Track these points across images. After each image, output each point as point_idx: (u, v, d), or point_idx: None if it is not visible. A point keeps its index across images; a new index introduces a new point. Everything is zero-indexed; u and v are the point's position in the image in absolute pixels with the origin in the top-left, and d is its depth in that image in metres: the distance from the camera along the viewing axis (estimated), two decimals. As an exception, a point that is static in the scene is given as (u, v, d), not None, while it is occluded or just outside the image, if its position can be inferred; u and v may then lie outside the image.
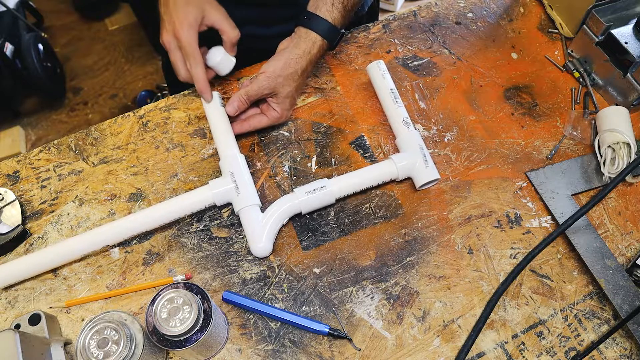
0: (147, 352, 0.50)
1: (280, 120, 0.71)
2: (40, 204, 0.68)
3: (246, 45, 0.80)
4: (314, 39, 0.68)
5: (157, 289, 0.61)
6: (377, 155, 0.71)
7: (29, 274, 0.61)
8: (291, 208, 0.63)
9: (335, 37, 0.71)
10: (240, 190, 0.63)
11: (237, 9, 0.82)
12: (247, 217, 0.63)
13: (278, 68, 0.67)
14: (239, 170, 0.65)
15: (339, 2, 0.69)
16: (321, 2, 0.69)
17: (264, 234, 0.61)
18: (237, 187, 0.63)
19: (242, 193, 0.63)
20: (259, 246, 0.61)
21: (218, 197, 0.64)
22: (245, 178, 0.64)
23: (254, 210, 0.63)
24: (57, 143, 0.73)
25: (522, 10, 0.86)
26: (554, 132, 0.73)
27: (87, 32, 2.28)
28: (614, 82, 0.73)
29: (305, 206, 0.63)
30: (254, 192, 0.64)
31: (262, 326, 0.59)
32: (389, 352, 0.57)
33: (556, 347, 0.58)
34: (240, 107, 0.68)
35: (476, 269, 0.62)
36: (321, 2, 0.69)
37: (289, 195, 0.64)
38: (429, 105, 0.75)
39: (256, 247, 0.61)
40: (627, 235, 0.64)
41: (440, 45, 0.82)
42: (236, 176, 0.64)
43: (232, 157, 0.66)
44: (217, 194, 0.63)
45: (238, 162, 0.66)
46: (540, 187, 0.67)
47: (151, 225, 0.63)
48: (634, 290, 0.59)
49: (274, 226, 0.62)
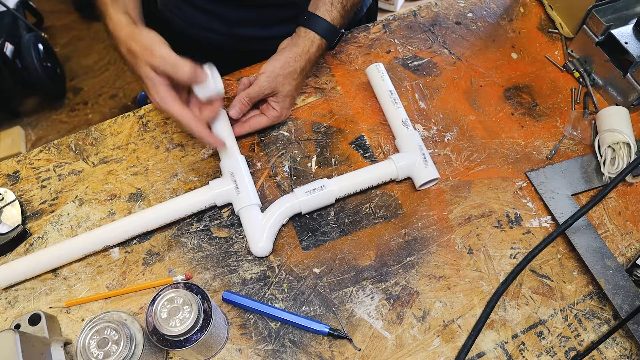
0: (147, 352, 0.50)
1: (279, 120, 0.71)
2: (40, 204, 0.68)
3: (246, 46, 0.80)
4: (312, 38, 0.69)
5: (157, 289, 0.61)
6: (377, 155, 0.71)
7: (29, 274, 0.61)
8: (291, 208, 0.63)
9: (335, 37, 0.71)
10: (241, 190, 0.63)
11: (237, 11, 0.82)
12: (247, 216, 0.63)
13: (277, 67, 0.67)
14: (239, 171, 0.65)
15: (338, 2, 0.69)
16: (321, 2, 0.69)
17: (264, 233, 0.61)
18: (237, 187, 0.64)
19: (242, 193, 0.63)
20: (259, 246, 0.61)
21: (218, 197, 0.64)
22: (245, 178, 0.65)
23: (254, 210, 0.63)
24: (57, 143, 0.73)
25: (522, 10, 0.86)
26: (554, 132, 0.73)
27: (87, 32, 2.28)
28: (614, 82, 0.73)
29: (305, 206, 0.63)
30: (254, 192, 0.64)
31: (262, 326, 0.59)
32: (389, 352, 0.57)
33: (556, 347, 0.58)
34: (242, 109, 0.69)
35: (476, 269, 0.62)
36: (321, 2, 0.69)
37: (289, 195, 0.64)
38: (429, 105, 0.75)
39: (256, 247, 0.61)
40: (627, 235, 0.64)
41: (440, 45, 0.82)
42: (236, 176, 0.64)
43: (232, 158, 0.66)
44: (217, 194, 0.64)
45: (238, 163, 0.66)
46: (540, 187, 0.67)
47: (152, 225, 0.63)
48: (634, 290, 0.58)
49: (274, 226, 0.62)
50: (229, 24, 0.84)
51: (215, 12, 0.82)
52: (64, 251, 0.61)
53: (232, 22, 0.84)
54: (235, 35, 0.86)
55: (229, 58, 0.78)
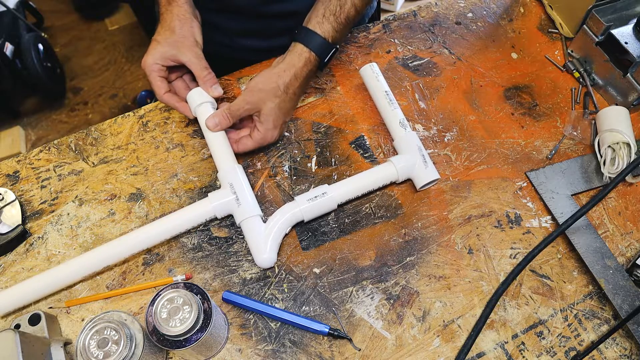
0: (147, 352, 0.50)
1: (265, 141, 0.67)
2: (40, 204, 0.68)
3: (246, 57, 0.80)
4: (300, 51, 0.66)
5: (157, 289, 0.61)
6: (377, 155, 0.71)
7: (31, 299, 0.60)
8: (293, 216, 0.62)
9: (327, 51, 0.67)
10: (241, 202, 0.62)
11: (236, 22, 0.82)
12: (249, 228, 0.62)
13: (259, 82, 0.65)
14: (238, 181, 0.64)
15: (330, 14, 0.66)
16: (313, 14, 0.67)
17: (267, 245, 0.61)
18: (238, 199, 0.62)
19: (242, 204, 0.62)
20: (263, 257, 0.60)
21: (218, 209, 0.62)
22: (244, 189, 0.63)
23: (256, 221, 0.62)
24: (57, 143, 0.73)
25: (522, 10, 0.86)
26: (554, 132, 0.73)
27: (87, 32, 2.28)
28: (614, 82, 0.73)
29: (307, 214, 0.63)
30: (254, 203, 0.63)
31: (262, 326, 0.59)
32: (389, 352, 0.57)
33: (556, 347, 0.58)
34: (222, 122, 0.66)
35: (476, 269, 0.62)
36: (313, 15, 0.67)
37: (290, 204, 0.63)
38: (428, 105, 0.75)
39: (260, 259, 0.60)
40: (627, 235, 0.64)
41: (440, 45, 0.82)
42: (236, 187, 0.63)
43: (230, 169, 0.65)
44: (217, 207, 0.62)
45: (237, 173, 0.64)
46: (540, 187, 0.67)
47: (152, 242, 0.62)
48: (634, 290, 0.59)
49: (276, 236, 0.62)
50: (229, 34, 0.85)
51: (215, 23, 0.82)
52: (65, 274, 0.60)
53: (232, 33, 0.84)
54: (235, 46, 0.86)
55: (229, 69, 0.78)
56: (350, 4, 0.66)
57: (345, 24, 0.67)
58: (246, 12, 0.80)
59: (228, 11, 0.81)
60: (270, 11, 0.80)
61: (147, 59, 0.67)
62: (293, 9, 0.79)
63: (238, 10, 0.80)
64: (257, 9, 0.80)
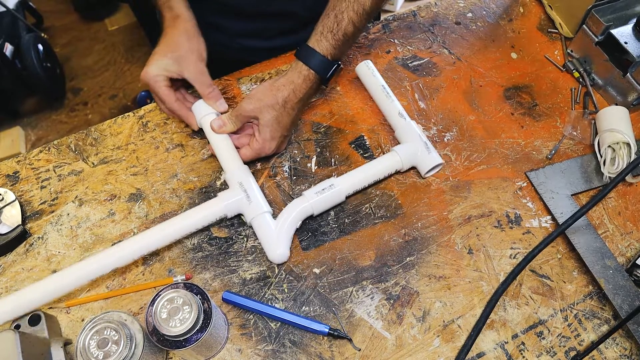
0: (147, 352, 0.50)
1: (263, 152, 0.67)
2: (40, 204, 0.68)
3: (248, 58, 0.80)
4: (300, 69, 0.66)
5: (157, 289, 0.61)
6: (377, 155, 0.71)
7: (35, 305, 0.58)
8: (303, 210, 0.63)
9: (327, 68, 0.67)
10: (252, 200, 0.63)
11: (237, 22, 0.83)
12: (260, 225, 0.62)
13: (259, 92, 0.65)
14: (248, 180, 0.65)
15: (328, 31, 0.66)
16: (314, 31, 0.67)
17: (280, 240, 0.61)
18: (248, 197, 0.63)
19: (253, 202, 0.63)
20: (277, 252, 0.61)
21: (230, 208, 0.63)
22: (254, 187, 0.64)
23: (267, 218, 0.63)
24: (57, 143, 0.73)
25: (522, 10, 0.86)
26: (554, 132, 0.73)
27: (87, 32, 2.28)
28: (613, 82, 0.73)
29: (317, 207, 0.63)
30: (264, 200, 0.64)
31: (262, 326, 0.59)
32: (389, 352, 0.57)
33: (556, 347, 0.58)
34: (226, 123, 0.67)
35: (476, 269, 0.62)
36: (313, 32, 0.67)
37: (299, 199, 0.64)
38: (428, 105, 0.75)
39: (274, 254, 0.61)
40: (627, 235, 0.64)
41: (440, 45, 0.82)
42: (245, 186, 0.64)
43: (238, 169, 0.66)
44: (228, 205, 0.63)
45: (245, 172, 0.66)
46: (540, 187, 0.67)
47: (162, 244, 0.61)
48: (634, 290, 0.58)
49: (288, 231, 0.62)
50: (229, 35, 0.85)
51: (215, 23, 0.82)
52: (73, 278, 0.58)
53: (232, 33, 0.85)
54: (235, 46, 0.86)
55: (229, 69, 0.78)
56: (348, 20, 0.65)
57: (343, 40, 0.66)
58: (246, 12, 0.80)
59: (228, 12, 0.81)
60: (270, 11, 0.80)
61: (151, 70, 0.67)
62: (293, 10, 0.79)
63: (238, 10, 0.80)
64: (257, 10, 0.80)
